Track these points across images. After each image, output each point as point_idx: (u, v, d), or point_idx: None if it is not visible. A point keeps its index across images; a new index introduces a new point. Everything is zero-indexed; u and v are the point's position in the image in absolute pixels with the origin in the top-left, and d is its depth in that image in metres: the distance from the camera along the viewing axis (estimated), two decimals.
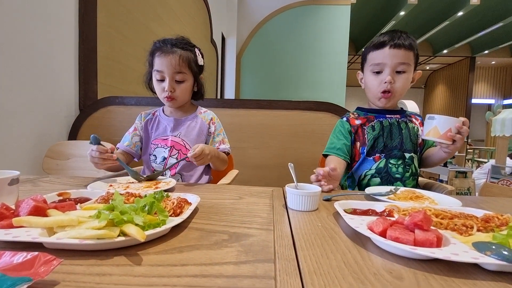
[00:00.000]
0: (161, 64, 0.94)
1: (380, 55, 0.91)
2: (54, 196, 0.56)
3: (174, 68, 0.94)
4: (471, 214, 0.51)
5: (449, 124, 0.78)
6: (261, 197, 0.69)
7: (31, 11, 1.27)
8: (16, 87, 1.21)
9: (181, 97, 0.99)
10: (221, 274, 0.32)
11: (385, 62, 0.91)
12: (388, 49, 0.90)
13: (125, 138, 1.04)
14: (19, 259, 0.29)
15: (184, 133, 1.03)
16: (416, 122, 1.01)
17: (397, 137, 0.96)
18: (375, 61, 0.93)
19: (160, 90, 0.97)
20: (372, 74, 0.94)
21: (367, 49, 0.97)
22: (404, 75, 0.91)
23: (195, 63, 1.00)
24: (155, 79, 0.97)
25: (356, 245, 0.41)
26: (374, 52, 0.93)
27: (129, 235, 0.37)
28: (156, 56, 0.95)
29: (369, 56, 0.96)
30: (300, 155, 1.65)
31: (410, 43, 0.90)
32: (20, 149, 1.26)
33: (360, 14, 6.74)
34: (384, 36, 0.92)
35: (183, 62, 0.95)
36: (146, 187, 0.73)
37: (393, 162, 0.94)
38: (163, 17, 2.58)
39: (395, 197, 0.69)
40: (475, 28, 7.21)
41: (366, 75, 0.98)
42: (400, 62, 0.90)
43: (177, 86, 0.97)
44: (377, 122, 0.98)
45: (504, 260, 0.33)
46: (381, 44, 0.91)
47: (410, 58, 0.91)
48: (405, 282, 0.32)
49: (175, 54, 0.94)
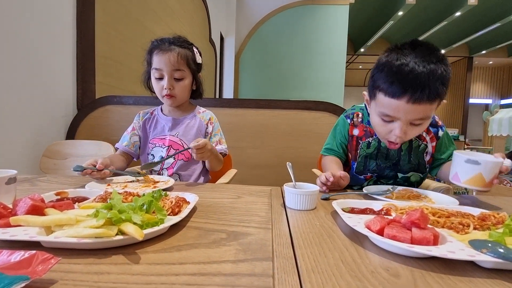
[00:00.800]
0: (159, 62, 0.94)
1: (393, 107, 0.69)
2: (52, 195, 0.55)
3: (172, 66, 0.93)
4: (468, 213, 0.51)
5: (496, 169, 0.62)
6: (259, 196, 0.69)
7: (28, 9, 1.26)
8: (13, 86, 1.21)
9: (180, 95, 0.98)
10: (219, 272, 0.32)
11: (398, 117, 0.71)
12: (406, 104, 0.67)
13: (123, 138, 1.04)
14: (17, 258, 0.29)
15: (182, 132, 1.03)
16: (427, 137, 0.86)
17: (394, 159, 0.87)
18: (385, 111, 0.72)
19: (159, 88, 0.97)
20: (380, 118, 0.75)
21: (376, 83, 0.73)
22: (420, 127, 0.73)
23: (193, 61, 1.00)
24: (153, 77, 0.97)
25: (353, 244, 0.42)
26: (386, 97, 0.70)
27: (127, 233, 0.37)
28: (154, 54, 0.95)
29: (378, 96, 0.73)
30: (298, 154, 1.66)
31: (437, 92, 0.66)
32: (17, 148, 1.26)
33: (358, 14, 6.76)
34: (401, 77, 0.66)
35: (182, 59, 0.95)
36: (144, 186, 0.73)
37: (383, 182, 0.91)
38: (162, 16, 2.57)
39: (393, 196, 0.69)
40: (472, 28, 7.24)
41: (372, 111, 0.79)
42: (418, 118, 0.70)
43: (176, 84, 0.96)
44: (375, 140, 0.88)
45: (500, 257, 0.33)
46: (398, 94, 0.67)
47: (431, 110, 0.70)
48: (402, 279, 0.32)
49: (173, 52, 0.94)
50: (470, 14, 6.34)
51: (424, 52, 0.68)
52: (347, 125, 0.94)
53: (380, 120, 0.75)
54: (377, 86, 0.73)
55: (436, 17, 6.62)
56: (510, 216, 0.46)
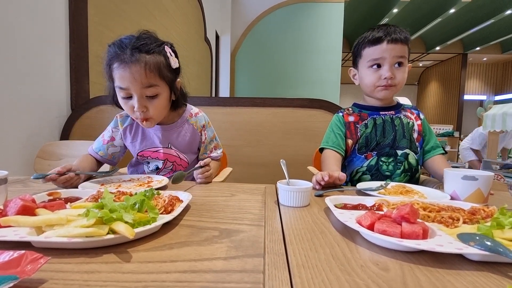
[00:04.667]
0: (123, 80, 0.74)
1: (378, 51, 0.90)
2: (44, 195, 0.55)
3: (141, 83, 0.74)
4: (459, 207, 0.52)
5: (491, 183, 0.63)
6: (253, 194, 0.70)
7: (19, 9, 1.25)
8: (5, 87, 1.19)
9: (156, 115, 0.81)
10: (210, 269, 0.33)
11: (384, 57, 0.90)
12: (386, 45, 0.89)
13: (98, 145, 0.91)
14: (6, 258, 0.29)
15: (176, 143, 0.93)
16: (412, 116, 1.00)
17: (390, 135, 0.95)
18: (372, 57, 0.92)
19: (129, 109, 0.79)
20: (369, 69, 0.93)
21: (361, 44, 0.96)
22: (402, 68, 0.92)
23: (167, 67, 0.80)
24: (119, 96, 0.78)
25: (345, 239, 0.42)
26: (371, 47, 0.92)
27: (118, 232, 0.37)
28: (114, 68, 0.75)
29: (364, 52, 0.94)
30: (294, 152, 1.66)
31: (406, 37, 0.91)
32: (10, 149, 1.24)
33: (353, 11, 6.77)
34: (379, 31, 0.91)
35: (151, 71, 0.75)
36: (138, 185, 0.73)
37: (384, 160, 0.94)
38: (156, 14, 2.56)
39: (386, 192, 0.70)
40: (467, 25, 7.29)
41: (362, 70, 0.97)
42: (398, 56, 0.90)
43: (150, 103, 0.78)
44: (370, 119, 0.98)
45: (487, 250, 0.34)
46: (378, 40, 0.90)
47: (406, 51, 0.91)
48: (391, 273, 0.33)
49: (139, 64, 0.73)
50: (464, 11, 6.40)
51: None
52: (341, 117, 1.03)
53: (370, 70, 0.94)
54: (361, 49, 0.96)
55: (431, 14, 6.66)
56: (499, 210, 0.47)
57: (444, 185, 0.70)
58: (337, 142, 0.97)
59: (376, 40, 0.90)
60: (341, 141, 0.98)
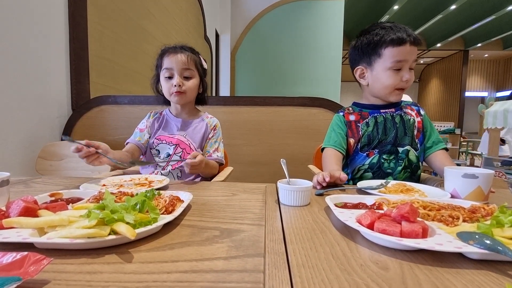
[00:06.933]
0: (170, 62, 1.00)
1: (402, 52, 0.88)
2: (46, 196, 0.55)
3: (183, 64, 1.00)
4: (459, 205, 0.52)
5: (491, 180, 0.63)
6: (254, 193, 0.70)
7: (19, 10, 1.25)
8: (6, 88, 1.20)
9: (189, 92, 1.03)
10: (211, 269, 0.33)
11: (407, 59, 0.89)
12: (409, 46, 0.88)
13: (135, 134, 1.08)
14: (9, 259, 0.29)
15: (191, 134, 1.08)
16: (412, 113, 1.00)
17: (392, 132, 0.95)
18: (397, 58, 0.89)
19: (168, 87, 1.01)
20: (390, 71, 0.91)
21: (381, 43, 0.91)
22: (412, 72, 0.93)
23: (200, 65, 1.07)
24: (163, 78, 1.02)
25: (345, 238, 0.42)
26: (395, 48, 0.89)
27: (120, 233, 0.37)
28: (165, 56, 1.02)
29: (386, 52, 0.90)
30: (295, 151, 1.66)
31: (420, 39, 0.91)
32: (12, 150, 1.25)
33: (354, 8, 6.74)
34: (396, 31, 0.88)
35: (191, 60, 1.02)
36: (139, 186, 0.73)
37: (386, 157, 0.95)
38: (155, 14, 2.55)
39: (386, 190, 0.70)
40: (468, 21, 7.25)
41: (379, 71, 0.93)
42: (415, 58, 0.91)
43: (185, 82, 1.02)
44: (371, 118, 0.98)
45: (486, 249, 0.34)
46: (403, 41, 0.87)
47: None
48: (391, 272, 0.33)
49: (183, 53, 1.02)
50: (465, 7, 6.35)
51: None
52: (342, 116, 1.03)
53: (391, 71, 0.91)
54: (380, 48, 0.91)
55: (432, 10, 6.62)
56: (499, 208, 0.47)
57: (444, 183, 0.70)
58: (338, 141, 0.98)
59: (401, 40, 0.88)
60: (342, 140, 0.98)
